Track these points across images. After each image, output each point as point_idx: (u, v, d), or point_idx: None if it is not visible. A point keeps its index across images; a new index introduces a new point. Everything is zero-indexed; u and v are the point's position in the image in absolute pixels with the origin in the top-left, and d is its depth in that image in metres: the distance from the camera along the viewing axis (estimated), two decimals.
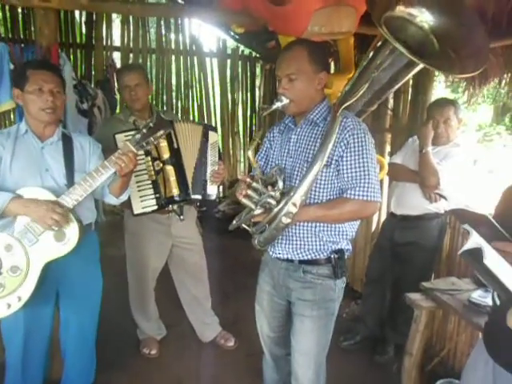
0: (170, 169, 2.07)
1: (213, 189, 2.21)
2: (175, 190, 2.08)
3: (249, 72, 5.15)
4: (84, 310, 1.88)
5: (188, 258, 2.48)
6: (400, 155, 2.49)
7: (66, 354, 1.95)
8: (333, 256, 1.54)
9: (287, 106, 1.53)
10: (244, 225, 1.55)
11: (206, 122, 4.82)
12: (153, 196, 2.09)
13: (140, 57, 4.66)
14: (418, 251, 2.37)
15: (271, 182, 1.46)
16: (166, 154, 2.06)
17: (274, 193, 1.41)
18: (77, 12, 4.45)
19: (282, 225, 1.42)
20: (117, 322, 2.61)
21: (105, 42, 4.54)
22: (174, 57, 4.82)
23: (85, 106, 3.30)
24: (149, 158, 2.06)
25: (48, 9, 2.17)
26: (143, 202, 2.09)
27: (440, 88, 5.76)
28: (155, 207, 2.10)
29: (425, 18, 1.51)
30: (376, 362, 2.53)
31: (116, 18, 5.41)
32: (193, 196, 2.11)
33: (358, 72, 1.65)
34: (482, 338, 1.28)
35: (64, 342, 1.93)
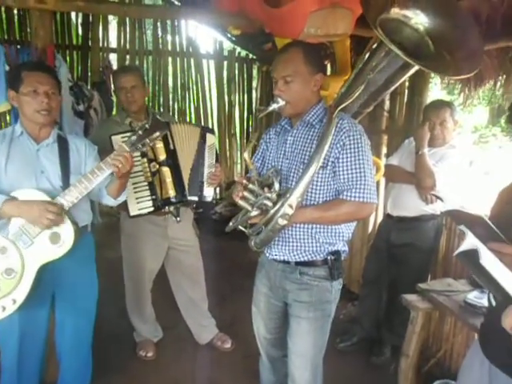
0: (166, 170, 2.07)
1: (209, 190, 2.21)
2: (171, 192, 2.08)
3: (245, 74, 5.16)
4: (80, 313, 1.87)
5: (184, 260, 2.47)
6: (396, 157, 2.51)
7: (61, 357, 1.94)
8: (329, 257, 1.55)
9: (283, 107, 1.53)
10: (241, 226, 1.54)
11: (203, 124, 4.82)
12: (149, 197, 2.08)
13: (136, 58, 4.65)
14: (415, 252, 2.38)
15: (267, 184, 1.46)
16: (162, 156, 2.06)
17: (271, 194, 1.41)
18: (73, 13, 4.45)
19: (279, 226, 1.42)
20: (113, 325, 2.61)
21: (101, 44, 4.53)
22: (170, 58, 4.82)
23: (81, 108, 3.29)
24: (145, 159, 2.06)
25: (44, 10, 2.16)
26: (139, 204, 2.08)
27: (436, 90, 5.79)
28: (151, 209, 2.10)
29: (420, 20, 1.51)
30: (373, 364, 2.53)
31: (112, 20, 5.41)
32: (189, 197, 2.12)
33: (354, 74, 1.65)
34: (478, 339, 1.28)
35: (59, 345, 1.92)
